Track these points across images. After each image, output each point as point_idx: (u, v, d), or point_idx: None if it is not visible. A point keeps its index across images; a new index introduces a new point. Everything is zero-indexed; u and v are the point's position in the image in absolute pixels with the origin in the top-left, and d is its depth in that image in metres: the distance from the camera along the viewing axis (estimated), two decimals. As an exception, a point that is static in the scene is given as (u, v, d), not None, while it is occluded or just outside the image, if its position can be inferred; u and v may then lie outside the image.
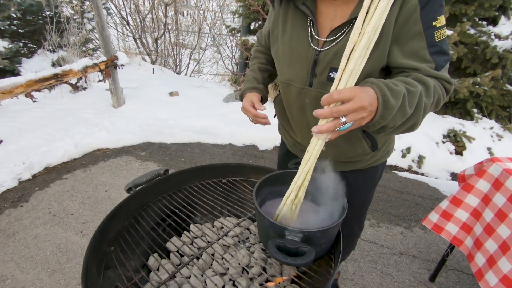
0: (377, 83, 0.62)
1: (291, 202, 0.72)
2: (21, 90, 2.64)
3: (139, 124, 3.41)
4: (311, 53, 0.82)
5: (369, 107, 0.58)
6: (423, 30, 0.70)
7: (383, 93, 0.60)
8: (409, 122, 0.68)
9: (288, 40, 0.87)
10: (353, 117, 0.58)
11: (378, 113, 0.60)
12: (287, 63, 0.89)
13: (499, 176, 1.24)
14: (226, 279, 0.79)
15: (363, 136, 0.90)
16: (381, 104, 0.60)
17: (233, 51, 5.77)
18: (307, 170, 0.67)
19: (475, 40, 3.24)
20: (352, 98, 0.56)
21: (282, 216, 0.74)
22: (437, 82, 0.73)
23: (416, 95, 0.65)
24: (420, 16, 0.70)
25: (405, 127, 0.70)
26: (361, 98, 0.57)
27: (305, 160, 0.67)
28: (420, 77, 0.70)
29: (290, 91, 0.91)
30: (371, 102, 0.58)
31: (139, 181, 0.92)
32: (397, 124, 0.66)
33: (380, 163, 1.05)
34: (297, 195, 0.71)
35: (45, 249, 1.82)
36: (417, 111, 0.67)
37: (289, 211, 0.73)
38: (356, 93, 0.57)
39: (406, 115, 0.65)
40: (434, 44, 0.72)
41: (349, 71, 0.59)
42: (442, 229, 1.44)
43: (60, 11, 4.39)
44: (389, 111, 0.60)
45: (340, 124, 0.59)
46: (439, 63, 0.73)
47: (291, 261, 0.59)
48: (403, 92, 0.63)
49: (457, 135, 3.12)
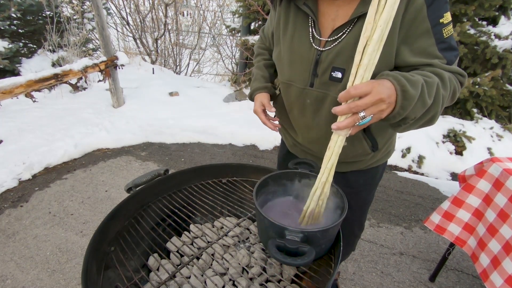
0: (393, 75, 0.62)
1: (318, 198, 0.72)
2: (21, 90, 2.64)
3: (139, 124, 3.41)
4: (312, 53, 0.82)
5: (387, 99, 0.58)
6: (431, 28, 0.71)
7: (401, 83, 0.60)
8: (429, 113, 0.68)
9: (289, 40, 0.87)
10: (372, 110, 0.58)
11: (398, 104, 0.60)
12: (287, 64, 0.89)
13: (499, 176, 1.24)
14: (226, 279, 0.79)
15: (363, 136, 0.90)
16: (400, 94, 0.60)
17: (233, 51, 5.77)
18: (330, 166, 0.68)
19: (475, 40, 3.24)
20: (369, 92, 0.57)
21: (310, 212, 0.74)
22: (451, 75, 0.73)
23: (433, 85, 0.65)
24: (427, 14, 0.70)
25: (425, 119, 0.69)
26: (379, 91, 0.57)
27: (327, 157, 0.67)
28: (435, 70, 0.70)
29: (290, 92, 0.91)
30: (389, 94, 0.58)
31: (139, 181, 0.92)
32: (417, 116, 0.65)
33: (380, 164, 1.05)
34: (323, 190, 0.71)
35: (45, 249, 1.82)
36: (436, 102, 0.67)
37: (316, 207, 0.73)
38: (373, 87, 0.57)
39: (426, 105, 0.64)
40: (443, 41, 0.72)
41: (364, 65, 0.59)
42: (445, 230, 1.44)
43: (60, 11, 4.39)
44: (409, 101, 0.60)
45: (359, 119, 0.59)
46: (449, 58, 0.73)
47: (291, 261, 0.59)
48: (421, 82, 0.63)
49: (457, 135, 3.12)
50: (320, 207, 0.74)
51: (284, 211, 0.82)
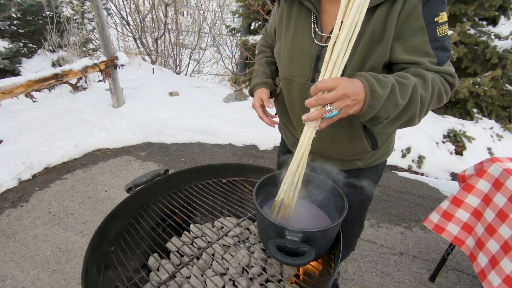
0: (365, 75, 0.65)
1: (288, 188, 0.74)
2: (21, 90, 2.64)
3: (139, 124, 3.41)
4: (314, 49, 0.83)
5: (353, 95, 0.61)
6: (425, 25, 0.71)
7: (370, 83, 0.63)
8: (405, 114, 0.69)
9: (291, 36, 0.88)
10: (338, 105, 0.62)
11: (366, 102, 0.63)
12: (289, 59, 0.89)
13: (499, 176, 1.24)
14: (226, 279, 0.79)
15: (364, 134, 0.90)
16: (368, 93, 0.63)
17: (233, 51, 5.77)
18: (300, 157, 0.71)
19: (475, 40, 3.24)
20: (335, 87, 0.60)
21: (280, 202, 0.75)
22: (437, 76, 0.73)
23: (408, 86, 0.67)
24: (422, 12, 0.70)
25: (403, 119, 0.70)
26: (344, 86, 0.60)
27: (298, 148, 0.71)
28: (418, 71, 0.71)
29: (292, 87, 0.92)
30: (355, 91, 0.61)
31: (139, 181, 0.92)
32: (391, 116, 0.67)
33: (380, 163, 1.05)
34: (293, 181, 0.73)
35: (45, 249, 1.82)
36: (412, 103, 0.68)
37: (287, 197, 0.75)
38: (339, 82, 0.60)
39: (399, 105, 0.66)
40: (436, 39, 0.72)
41: (333, 62, 0.63)
42: (443, 230, 1.44)
43: (60, 11, 4.40)
44: (377, 100, 0.63)
45: (326, 112, 0.63)
46: (441, 58, 0.74)
47: (291, 261, 0.59)
48: (391, 83, 0.65)
49: (457, 135, 3.12)
50: (290, 198, 0.75)
51: (284, 211, 0.82)
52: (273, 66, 1.09)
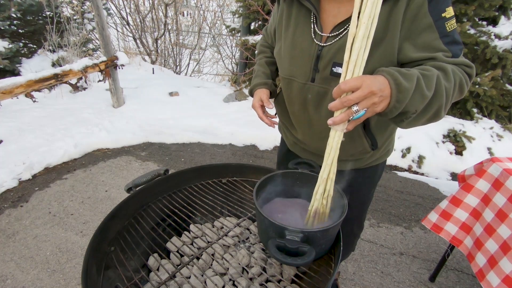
0: (387, 70, 0.63)
1: (321, 196, 0.72)
2: (21, 90, 2.64)
3: (139, 124, 3.41)
4: (314, 49, 0.83)
5: (379, 92, 0.59)
6: (433, 22, 0.71)
7: (394, 77, 0.61)
8: (432, 106, 0.67)
9: (291, 36, 0.88)
10: (365, 104, 0.59)
11: (393, 98, 0.61)
12: (289, 59, 0.89)
13: (499, 176, 1.24)
14: (226, 279, 0.79)
15: (364, 134, 0.90)
16: (394, 88, 0.61)
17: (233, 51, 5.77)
18: (330, 162, 0.68)
19: (475, 40, 3.24)
20: (359, 86, 0.58)
21: (314, 211, 0.74)
22: (456, 67, 0.72)
23: (432, 78, 0.65)
24: (429, 10, 0.70)
25: (430, 112, 0.68)
26: (368, 84, 0.58)
27: (327, 153, 0.68)
28: (436, 64, 0.70)
29: (292, 87, 0.92)
30: (381, 88, 0.59)
31: (139, 181, 0.92)
32: (419, 109, 0.65)
33: (380, 163, 1.05)
34: (325, 188, 0.71)
35: (45, 249, 1.82)
36: (438, 94, 0.66)
37: (320, 206, 0.73)
38: (363, 81, 0.58)
39: (426, 98, 0.64)
40: (447, 35, 0.72)
41: (353, 62, 0.61)
42: (441, 229, 1.44)
43: (60, 11, 4.40)
44: (404, 94, 0.61)
45: (353, 113, 0.60)
46: (454, 52, 0.73)
47: (291, 261, 0.59)
48: (416, 75, 0.63)
49: (457, 135, 3.12)
50: (324, 206, 0.73)
51: (284, 211, 0.82)
52: (273, 67, 1.09)
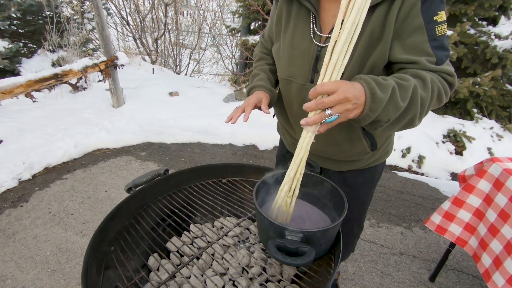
0: (365, 78, 0.63)
1: (286, 195, 0.72)
2: (21, 90, 2.64)
3: (139, 124, 3.41)
4: (313, 49, 0.83)
5: (353, 99, 0.59)
6: (424, 24, 0.71)
7: (370, 86, 0.62)
8: (406, 116, 0.68)
9: (290, 36, 0.87)
10: (338, 109, 0.60)
11: (367, 106, 0.62)
12: (288, 60, 0.89)
13: (499, 176, 1.24)
14: (226, 279, 0.79)
15: (363, 135, 0.90)
16: (368, 97, 0.61)
17: (233, 51, 5.77)
18: (299, 162, 0.69)
19: (475, 40, 3.24)
20: (335, 90, 0.58)
21: (278, 209, 0.74)
22: (436, 76, 0.72)
23: (408, 88, 0.66)
24: (421, 10, 0.70)
25: (403, 121, 0.70)
26: (344, 90, 0.58)
27: (296, 153, 0.69)
28: (416, 72, 0.71)
29: (291, 88, 0.91)
30: (356, 95, 0.60)
31: (139, 181, 0.92)
32: (392, 118, 0.66)
33: (379, 163, 1.05)
34: (291, 187, 0.72)
35: (45, 249, 1.82)
36: (413, 104, 0.67)
37: (284, 204, 0.73)
38: (339, 86, 0.58)
39: (399, 108, 0.65)
40: (435, 38, 0.72)
41: (333, 64, 0.62)
42: (446, 230, 1.44)
43: (60, 11, 4.40)
44: (377, 104, 0.62)
45: (326, 116, 0.61)
46: (439, 57, 0.73)
47: (291, 261, 0.59)
48: (392, 86, 0.64)
49: (457, 135, 3.12)
50: (288, 205, 0.74)
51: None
52: (275, 75, 1.03)
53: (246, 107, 0.86)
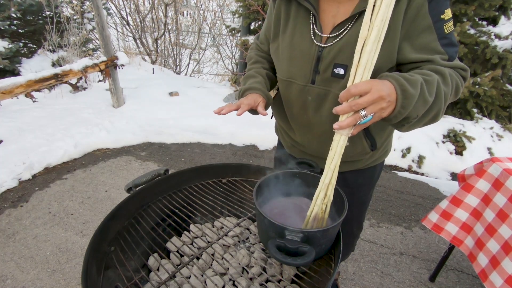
0: (392, 75, 0.63)
1: (321, 202, 0.71)
2: (21, 90, 2.64)
3: (139, 124, 3.41)
4: (314, 50, 0.82)
5: (387, 97, 0.59)
6: (432, 23, 0.72)
7: (400, 83, 0.61)
8: (432, 111, 0.69)
9: (289, 37, 0.86)
10: (373, 108, 0.59)
11: (399, 103, 0.61)
12: (288, 61, 0.88)
13: (499, 176, 1.24)
14: (226, 279, 0.79)
15: (364, 135, 0.90)
16: (399, 94, 0.61)
17: (233, 51, 5.78)
18: (333, 167, 0.68)
19: (475, 40, 3.24)
20: (369, 90, 0.58)
21: (313, 216, 0.73)
22: (452, 71, 0.73)
23: (433, 83, 0.66)
24: (429, 10, 0.71)
25: (429, 116, 0.70)
26: (379, 89, 0.58)
27: (330, 158, 0.68)
28: (434, 67, 0.71)
29: (291, 89, 0.90)
30: (389, 93, 0.59)
31: (139, 181, 0.92)
32: (420, 114, 0.66)
33: (378, 163, 1.05)
34: (326, 193, 0.71)
35: (45, 249, 1.82)
36: (438, 99, 0.68)
37: (320, 211, 0.72)
38: (373, 85, 0.58)
39: (428, 103, 0.65)
40: (444, 37, 0.73)
41: (363, 65, 0.61)
42: (442, 229, 1.44)
43: (60, 11, 4.40)
44: (409, 100, 0.61)
45: (361, 118, 0.60)
46: (450, 54, 0.74)
47: (291, 261, 0.59)
48: (420, 81, 0.64)
49: (457, 135, 3.12)
50: (323, 211, 0.72)
51: (284, 211, 0.82)
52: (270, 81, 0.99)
53: (241, 105, 0.82)
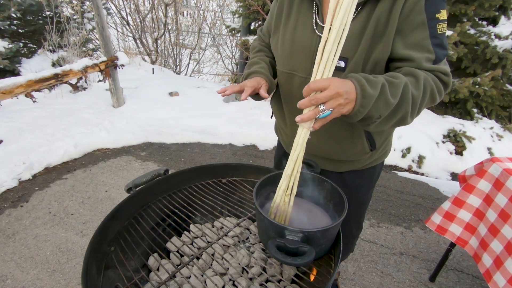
0: (355, 76, 0.66)
1: (283, 193, 0.73)
2: (21, 90, 2.64)
3: (139, 124, 3.41)
4: (315, 41, 0.82)
5: (344, 95, 0.62)
6: (426, 20, 0.72)
7: (361, 83, 0.64)
8: (397, 113, 0.70)
9: (291, 28, 0.86)
10: (331, 104, 0.62)
11: (358, 102, 0.64)
12: (289, 52, 0.88)
13: (500, 176, 1.24)
14: (226, 279, 0.79)
15: (365, 134, 0.90)
16: (359, 93, 0.64)
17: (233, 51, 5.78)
18: (295, 158, 0.70)
19: (475, 40, 3.24)
20: (327, 87, 0.61)
21: (276, 208, 0.74)
22: (430, 75, 0.74)
23: (399, 85, 0.68)
24: (425, 6, 0.71)
25: (395, 118, 0.72)
26: (336, 86, 0.61)
27: (293, 150, 0.70)
28: (409, 70, 0.73)
29: (292, 82, 0.90)
30: (347, 91, 0.62)
31: (139, 181, 0.92)
32: (383, 115, 0.68)
33: (377, 164, 1.05)
34: (289, 185, 0.72)
35: (45, 249, 1.82)
36: (403, 102, 0.69)
37: (282, 203, 0.74)
38: (331, 82, 0.61)
39: (390, 104, 0.67)
40: (436, 36, 0.73)
41: (324, 63, 0.64)
42: (446, 230, 1.44)
43: (60, 11, 4.39)
44: (367, 100, 0.64)
45: (320, 112, 0.63)
46: (438, 55, 0.74)
47: (291, 261, 0.59)
48: (381, 82, 0.66)
49: (457, 135, 3.12)
50: (286, 204, 0.74)
51: (284, 211, 0.81)
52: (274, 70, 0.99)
53: (245, 88, 0.82)
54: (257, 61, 0.98)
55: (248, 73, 0.93)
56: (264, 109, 3.78)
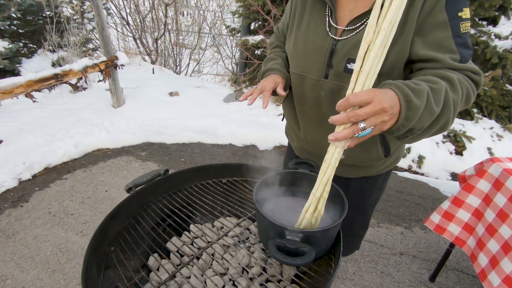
0: (396, 84, 0.57)
1: (311, 216, 0.67)
2: (21, 90, 2.64)
3: (139, 124, 3.41)
4: (328, 42, 0.80)
5: (390, 110, 0.53)
6: (448, 20, 0.67)
7: (405, 93, 0.56)
8: (439, 121, 0.63)
9: (304, 29, 0.85)
10: (373, 121, 0.53)
11: (402, 115, 0.56)
12: (301, 54, 0.86)
13: (499, 176, 1.24)
14: (226, 279, 0.79)
15: (380, 140, 0.87)
16: (404, 105, 0.55)
17: (233, 51, 5.77)
18: (326, 181, 0.62)
19: (475, 40, 3.24)
20: (370, 101, 0.52)
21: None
22: (461, 76, 0.68)
23: (440, 92, 0.61)
24: (446, 6, 0.67)
25: (436, 127, 0.64)
26: (381, 100, 0.52)
27: (323, 171, 0.62)
28: (441, 73, 0.66)
29: (304, 84, 0.89)
30: (392, 105, 0.54)
31: (139, 181, 0.92)
32: (425, 125, 0.61)
33: (388, 170, 1.02)
34: (317, 207, 0.66)
35: (45, 249, 1.82)
36: (446, 108, 0.62)
37: (308, 224, 0.68)
38: (375, 95, 0.52)
39: (434, 114, 0.60)
40: (459, 35, 0.68)
41: (365, 73, 0.54)
42: (445, 230, 1.44)
43: (60, 11, 4.39)
44: (414, 112, 0.56)
45: (359, 130, 0.54)
46: (463, 55, 0.69)
47: (291, 261, 0.59)
48: (426, 90, 0.58)
49: (457, 135, 3.12)
50: (313, 225, 0.70)
51: (284, 211, 0.82)
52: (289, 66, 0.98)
53: (264, 93, 0.81)
54: (274, 57, 0.98)
55: (265, 70, 0.94)
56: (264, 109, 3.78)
